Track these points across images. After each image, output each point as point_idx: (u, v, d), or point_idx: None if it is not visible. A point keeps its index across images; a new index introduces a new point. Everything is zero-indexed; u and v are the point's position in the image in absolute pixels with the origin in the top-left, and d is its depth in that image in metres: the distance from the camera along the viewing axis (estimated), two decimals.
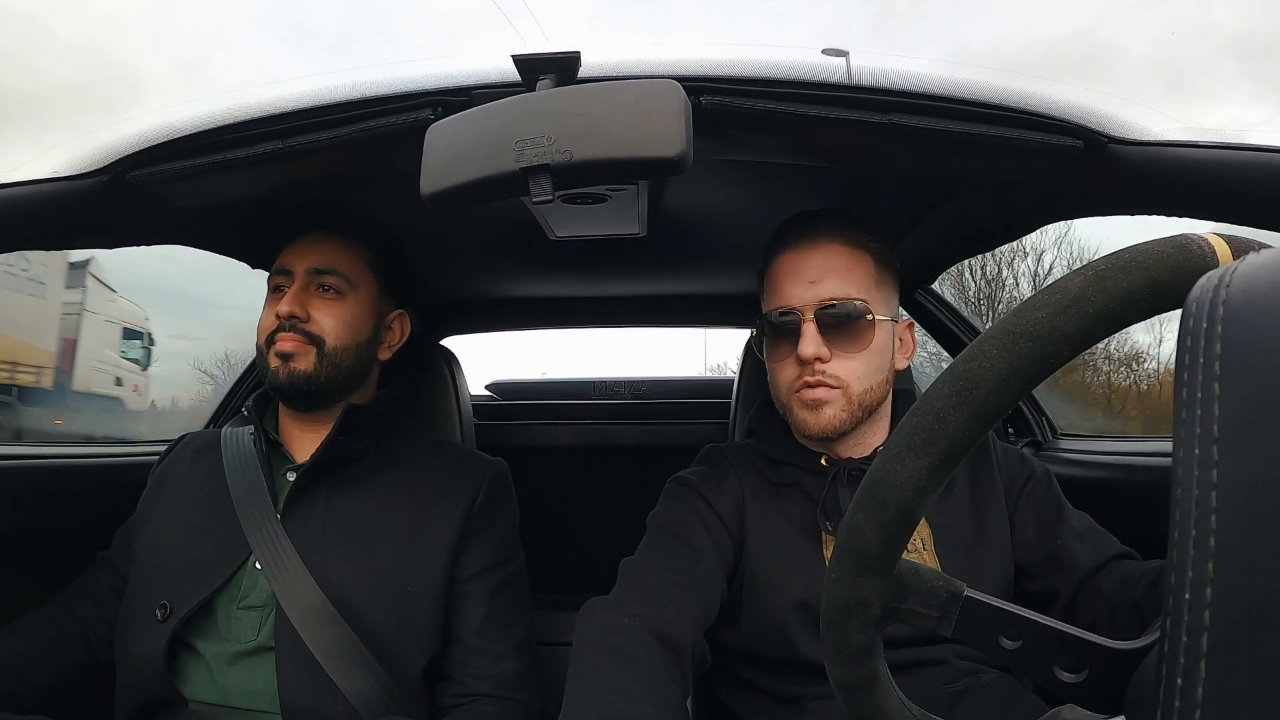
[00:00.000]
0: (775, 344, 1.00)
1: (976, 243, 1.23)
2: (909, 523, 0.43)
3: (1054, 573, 0.94)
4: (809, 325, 0.95)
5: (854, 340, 0.95)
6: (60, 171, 0.89)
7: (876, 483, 0.43)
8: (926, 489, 0.41)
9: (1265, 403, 0.27)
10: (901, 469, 0.41)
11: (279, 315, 1.03)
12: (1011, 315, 0.40)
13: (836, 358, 0.95)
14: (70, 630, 1.03)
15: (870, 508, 0.43)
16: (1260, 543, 0.27)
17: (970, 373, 0.40)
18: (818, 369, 0.94)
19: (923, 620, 0.48)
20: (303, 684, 0.93)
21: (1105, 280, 0.38)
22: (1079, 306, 0.38)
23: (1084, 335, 0.38)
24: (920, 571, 0.47)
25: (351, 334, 1.07)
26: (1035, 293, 0.40)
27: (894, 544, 0.44)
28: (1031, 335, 0.38)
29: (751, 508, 1.00)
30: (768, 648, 0.94)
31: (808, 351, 0.94)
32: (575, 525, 1.86)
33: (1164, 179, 0.78)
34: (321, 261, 1.06)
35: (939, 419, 0.40)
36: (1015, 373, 0.39)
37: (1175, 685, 0.28)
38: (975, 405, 0.40)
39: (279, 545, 0.98)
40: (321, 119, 0.83)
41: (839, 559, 0.46)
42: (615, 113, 0.67)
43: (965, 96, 0.78)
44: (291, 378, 1.02)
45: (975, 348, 0.40)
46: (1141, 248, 0.39)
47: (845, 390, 0.95)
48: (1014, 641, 0.46)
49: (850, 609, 0.46)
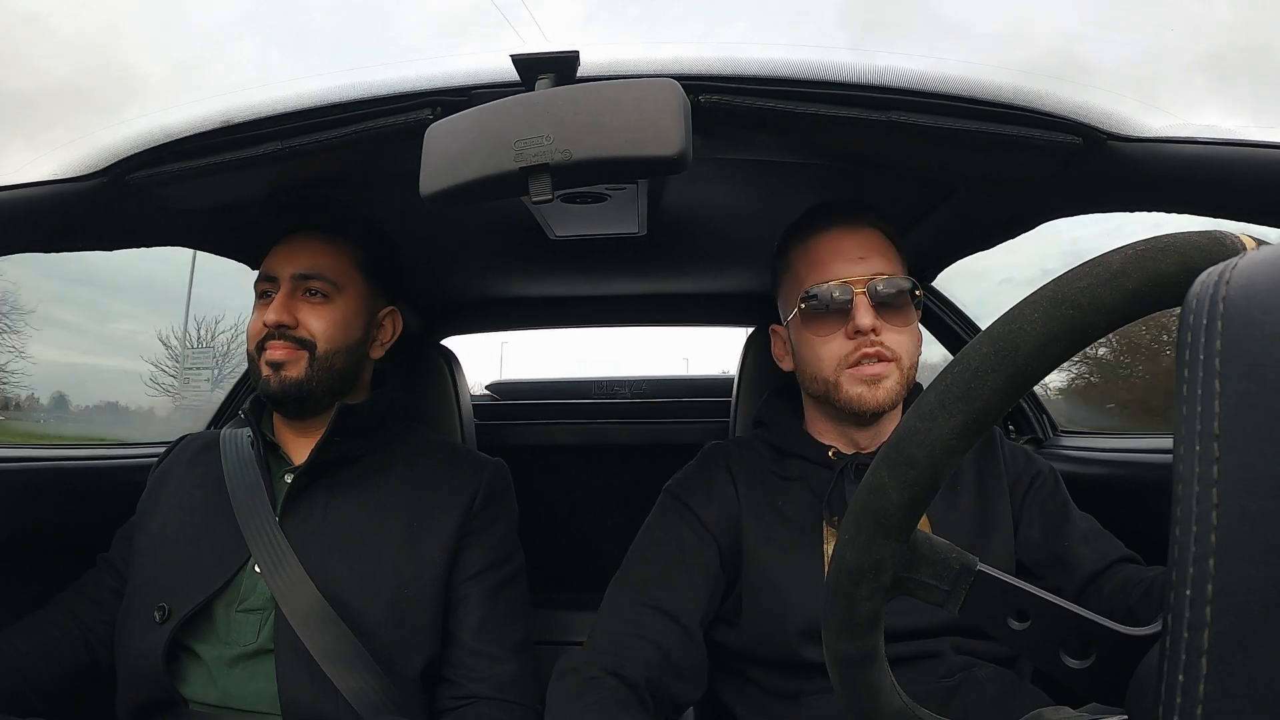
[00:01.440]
0: (820, 320, 0.97)
1: (976, 240, 1.23)
2: (934, 484, 0.42)
3: (1057, 573, 0.94)
4: (862, 297, 0.94)
5: (903, 315, 0.96)
6: (59, 174, 0.89)
7: (905, 439, 0.42)
8: (956, 449, 0.41)
9: (1266, 399, 0.27)
10: (933, 426, 0.41)
11: (266, 324, 1.02)
12: (1053, 283, 0.40)
13: (887, 331, 0.95)
14: (71, 631, 1.03)
15: (897, 465, 0.42)
16: (1261, 538, 0.27)
17: (1010, 335, 0.40)
18: (874, 340, 0.94)
19: (932, 593, 0.47)
20: (303, 686, 0.93)
21: (1145, 260, 0.38)
22: (1119, 281, 0.38)
23: (1122, 309, 0.38)
24: (934, 542, 0.47)
25: (342, 335, 1.06)
26: (1077, 265, 0.40)
27: (916, 505, 0.43)
28: (1073, 303, 0.39)
29: (748, 511, 0.99)
30: (767, 650, 0.94)
31: (866, 322, 0.93)
32: (575, 525, 1.87)
33: (1164, 175, 0.78)
34: (306, 266, 1.05)
35: (976, 377, 0.40)
36: (1055, 338, 0.39)
37: (1177, 680, 0.28)
38: (1014, 367, 0.39)
39: (278, 548, 0.98)
40: (320, 119, 0.83)
41: (856, 519, 0.45)
42: (614, 112, 0.67)
43: (964, 94, 0.78)
44: (284, 385, 1.02)
45: (1016, 310, 0.40)
46: (1180, 235, 0.39)
47: (899, 364, 0.95)
48: (1022, 623, 0.46)
49: (862, 573, 0.45)
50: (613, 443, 1.92)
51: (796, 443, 1.03)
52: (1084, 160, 0.81)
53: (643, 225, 1.18)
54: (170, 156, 0.88)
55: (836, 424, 1.02)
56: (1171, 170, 0.76)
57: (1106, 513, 0.99)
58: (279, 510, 1.02)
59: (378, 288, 1.13)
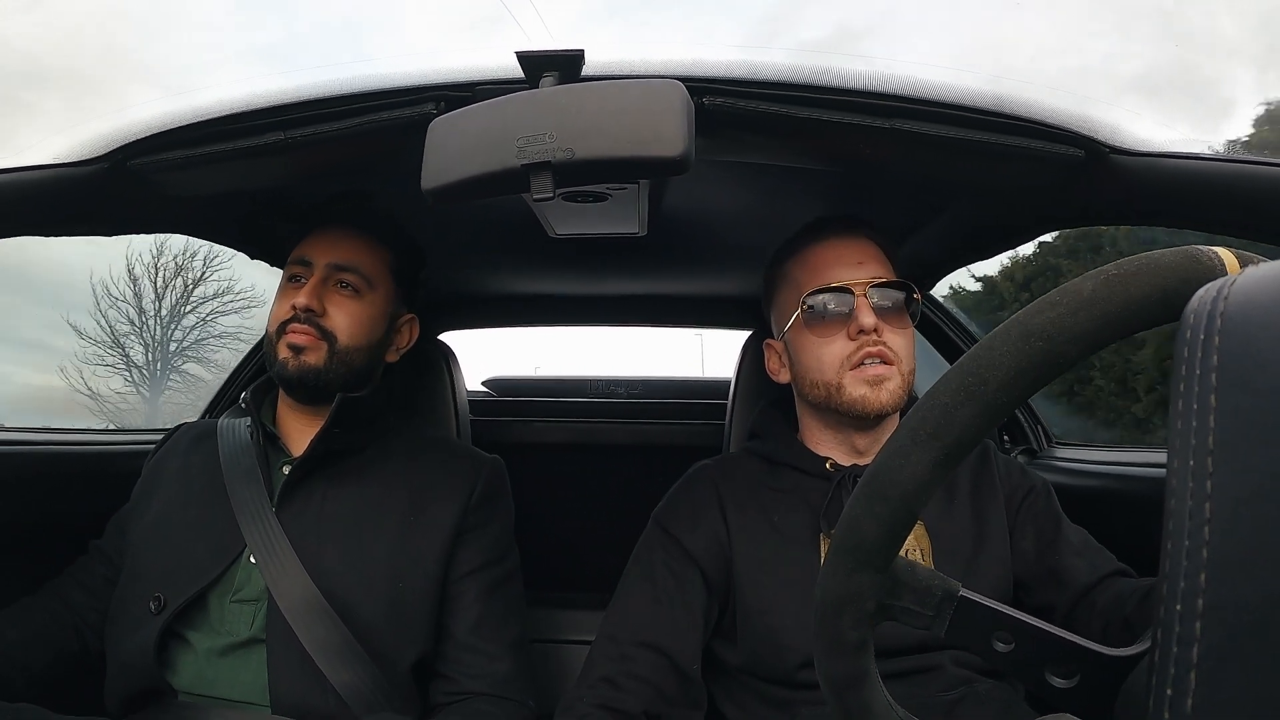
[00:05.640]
0: (821, 323, 0.98)
1: (975, 249, 1.23)
2: (909, 517, 0.42)
3: (1050, 587, 0.94)
4: (862, 300, 0.95)
5: (901, 318, 0.98)
6: (61, 158, 0.89)
7: (878, 475, 0.43)
8: (929, 484, 0.41)
9: (1261, 415, 0.27)
10: (905, 463, 0.41)
11: (295, 306, 1.02)
12: (1023, 314, 0.40)
13: (888, 332, 0.96)
14: (62, 618, 1.03)
15: (871, 501, 0.43)
16: (1252, 554, 0.27)
17: (979, 369, 0.40)
18: (876, 339, 0.95)
19: (916, 619, 0.47)
20: (293, 677, 0.93)
21: (1115, 285, 0.38)
22: (1090, 309, 0.38)
23: (1094, 337, 0.38)
24: (916, 569, 0.47)
25: (365, 334, 1.07)
26: (1047, 293, 0.40)
27: (893, 538, 0.43)
28: (1042, 334, 0.39)
29: (738, 534, 0.98)
30: (764, 670, 0.94)
31: (869, 321, 0.94)
32: (570, 523, 1.86)
33: (1164, 190, 0.78)
34: (344, 258, 1.06)
35: (946, 413, 0.40)
36: (1024, 371, 0.39)
37: (1165, 695, 0.28)
38: (983, 401, 0.40)
39: (273, 538, 0.97)
40: (324, 111, 0.83)
41: (836, 552, 0.46)
42: (618, 112, 0.67)
43: (968, 103, 0.78)
44: (301, 370, 1.02)
45: (985, 344, 0.40)
46: (1153, 256, 0.39)
47: (899, 366, 0.96)
48: (1007, 645, 0.46)
49: (844, 604, 0.46)
50: (608, 442, 1.91)
51: (791, 454, 1.03)
52: (1085, 172, 0.81)
53: (643, 225, 1.18)
54: (173, 144, 0.88)
55: (837, 430, 1.02)
56: (1171, 185, 0.77)
57: (1100, 525, 0.99)
58: (276, 501, 1.01)
59: (403, 293, 1.14)
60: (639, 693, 0.91)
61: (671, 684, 0.93)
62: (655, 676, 0.92)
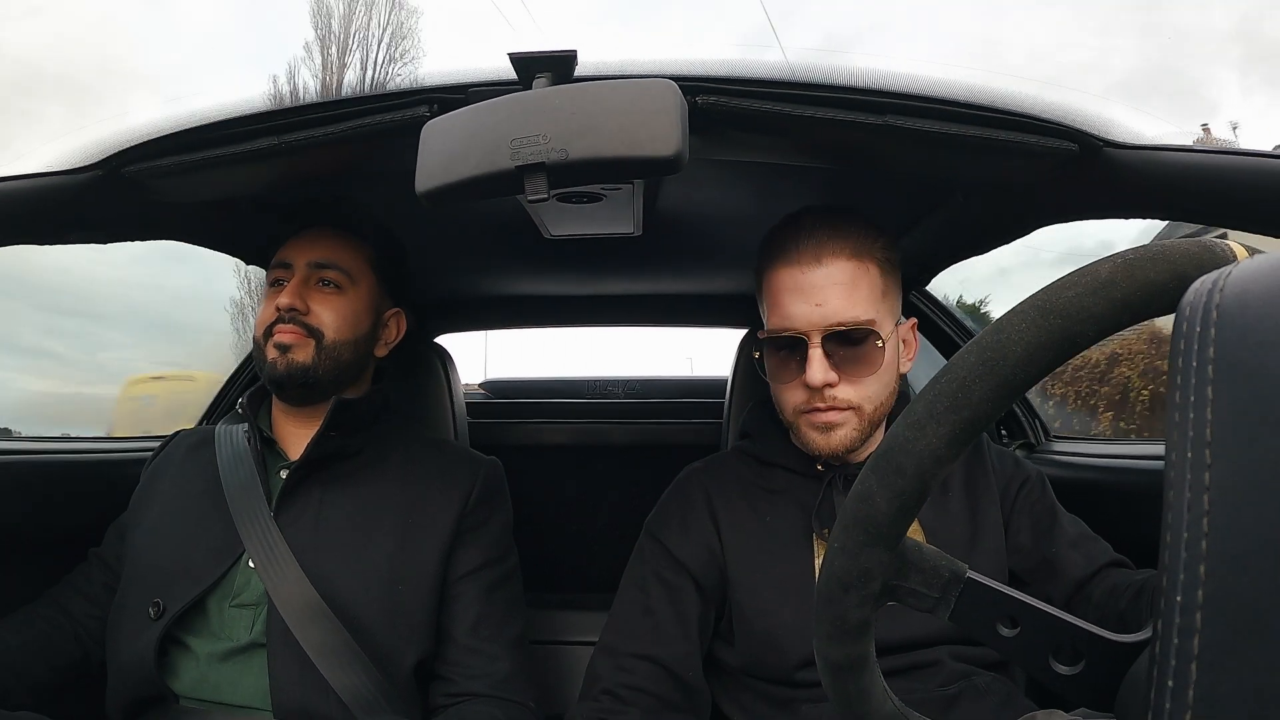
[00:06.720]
0: (779, 366, 0.95)
1: (971, 245, 1.23)
2: (922, 492, 0.42)
3: (1046, 579, 0.94)
4: (815, 351, 0.90)
5: (863, 363, 0.92)
6: (55, 166, 0.89)
7: (894, 449, 0.42)
8: (945, 458, 0.41)
9: (1258, 406, 0.27)
10: (921, 436, 0.41)
11: (278, 308, 1.03)
12: (1041, 292, 0.40)
13: (845, 382, 0.91)
14: (62, 626, 1.03)
15: (885, 474, 0.42)
16: (1251, 546, 0.27)
17: (998, 344, 0.40)
18: (828, 395, 0.91)
19: (922, 600, 0.47)
20: (294, 681, 0.93)
21: (1134, 268, 0.38)
22: (1108, 290, 0.38)
23: (1110, 318, 0.38)
24: (923, 550, 0.47)
25: (350, 328, 1.07)
26: (1067, 273, 0.40)
27: (905, 513, 0.43)
28: (1061, 313, 0.39)
29: (730, 537, 0.98)
30: (764, 669, 0.94)
31: (816, 379, 0.90)
32: (568, 524, 1.86)
33: (1158, 183, 0.78)
34: (322, 256, 1.07)
35: (963, 387, 0.40)
36: (1043, 347, 0.39)
37: (1166, 686, 0.28)
38: (1001, 376, 0.39)
39: (272, 543, 0.97)
40: (318, 115, 0.83)
41: (845, 528, 0.45)
42: (611, 112, 0.67)
43: (961, 99, 0.78)
44: (290, 369, 1.02)
45: (1004, 320, 0.40)
46: (1170, 243, 0.39)
47: (858, 411, 0.93)
48: (1012, 629, 0.46)
49: (851, 582, 0.45)
50: (605, 443, 1.91)
51: (781, 454, 1.02)
52: (1080, 166, 0.81)
53: (638, 225, 1.18)
54: (167, 150, 0.87)
55: None
56: (1166, 178, 0.77)
57: (1098, 518, 0.99)
58: (274, 505, 1.01)
59: (387, 287, 1.15)
60: (641, 703, 0.91)
61: (672, 692, 0.93)
62: (655, 686, 0.92)
